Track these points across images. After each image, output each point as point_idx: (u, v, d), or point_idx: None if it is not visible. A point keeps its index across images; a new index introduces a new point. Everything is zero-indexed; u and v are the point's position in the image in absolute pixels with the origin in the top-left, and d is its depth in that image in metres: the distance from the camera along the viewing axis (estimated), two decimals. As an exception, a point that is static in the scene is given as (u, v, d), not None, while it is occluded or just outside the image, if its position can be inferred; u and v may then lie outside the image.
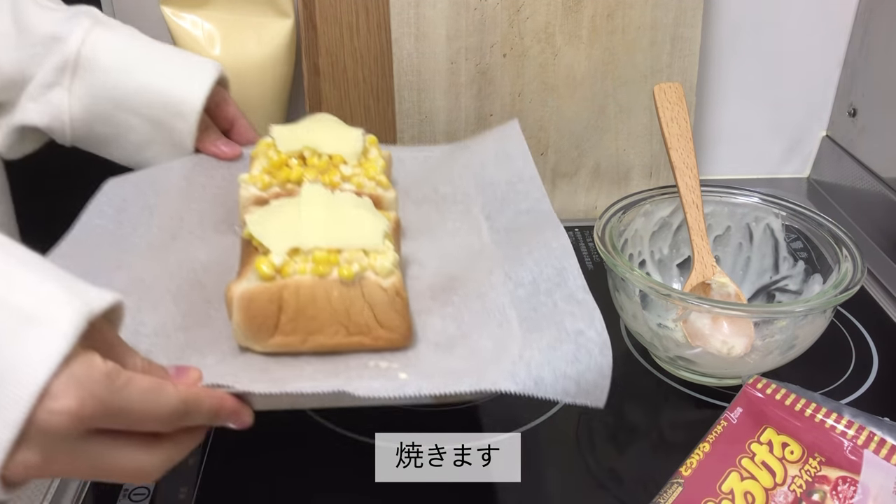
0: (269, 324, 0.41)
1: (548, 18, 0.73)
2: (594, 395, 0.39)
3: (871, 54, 0.79)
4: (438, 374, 0.40)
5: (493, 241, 0.51)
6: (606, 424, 0.54)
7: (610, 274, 0.56)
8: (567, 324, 0.40)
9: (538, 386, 0.38)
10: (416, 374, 0.40)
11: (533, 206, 0.52)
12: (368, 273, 0.42)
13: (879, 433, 0.45)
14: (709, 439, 0.45)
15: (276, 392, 0.38)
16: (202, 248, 0.51)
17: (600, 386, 0.39)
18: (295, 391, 0.38)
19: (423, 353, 0.43)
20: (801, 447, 0.45)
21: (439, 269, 0.49)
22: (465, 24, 0.72)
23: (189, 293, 0.46)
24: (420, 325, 0.45)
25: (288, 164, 0.52)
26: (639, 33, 0.74)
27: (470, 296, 0.46)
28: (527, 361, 0.39)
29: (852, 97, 0.82)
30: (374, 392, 0.38)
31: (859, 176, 0.80)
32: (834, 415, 0.46)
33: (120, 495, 0.47)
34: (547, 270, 0.45)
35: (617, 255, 0.54)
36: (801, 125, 0.87)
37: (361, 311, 0.42)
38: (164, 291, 0.46)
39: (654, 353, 0.58)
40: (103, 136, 0.56)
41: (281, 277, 0.41)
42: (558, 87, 0.75)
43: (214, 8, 0.73)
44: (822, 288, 0.56)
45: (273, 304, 0.41)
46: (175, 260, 0.49)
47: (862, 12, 0.80)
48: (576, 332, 0.40)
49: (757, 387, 0.48)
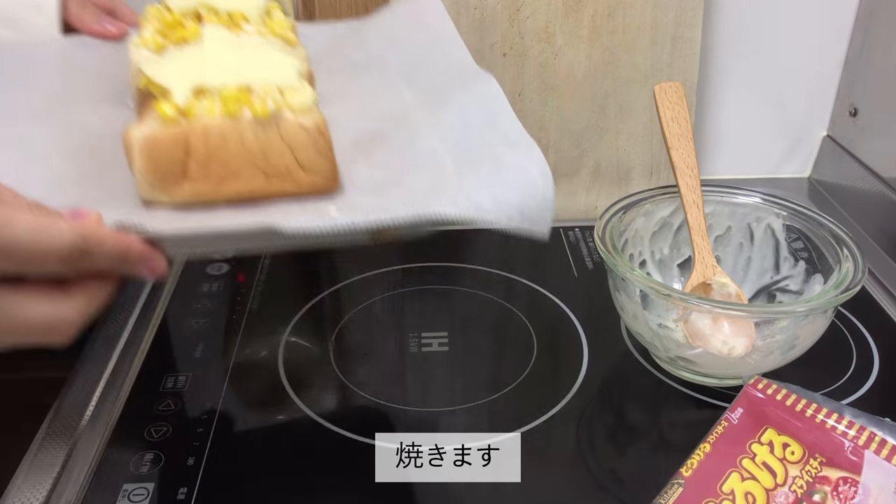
0: (176, 170, 0.37)
1: (548, 18, 0.73)
2: (538, 223, 0.38)
3: (871, 54, 0.79)
4: (373, 209, 0.37)
5: (416, 99, 0.48)
6: (607, 425, 0.54)
7: (610, 274, 0.56)
8: (505, 158, 0.39)
9: (479, 211, 0.37)
10: (349, 208, 0.38)
11: (454, 65, 0.49)
12: (285, 112, 0.38)
13: (880, 433, 0.45)
14: (709, 440, 0.45)
15: (190, 232, 0.35)
16: (94, 118, 0.46)
17: (543, 214, 0.38)
18: (212, 229, 0.35)
19: (353, 197, 0.40)
20: (802, 448, 0.45)
21: (361, 128, 0.46)
22: (465, 23, 0.72)
23: (84, 155, 0.42)
24: (346, 174, 0.41)
25: (183, 23, 0.46)
26: (639, 33, 0.74)
27: (398, 144, 0.43)
28: (466, 191, 0.38)
29: (853, 97, 0.82)
30: (304, 226, 0.35)
31: (860, 176, 0.80)
32: (835, 415, 0.46)
33: (119, 495, 0.47)
34: (478, 115, 0.43)
35: (617, 255, 0.53)
36: (801, 125, 0.87)
37: (280, 153, 0.38)
38: (55, 150, 0.42)
39: (655, 354, 0.58)
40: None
41: (186, 120, 0.37)
42: (558, 86, 0.75)
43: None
44: (822, 288, 0.56)
45: (179, 149, 0.37)
46: (64, 125, 0.44)
47: (863, 12, 0.80)
48: (515, 164, 0.39)
49: (758, 387, 0.48)
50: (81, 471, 0.49)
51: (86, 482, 0.48)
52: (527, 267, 0.70)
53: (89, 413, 0.53)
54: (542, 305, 0.65)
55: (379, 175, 0.41)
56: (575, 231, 0.76)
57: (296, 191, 0.39)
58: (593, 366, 0.58)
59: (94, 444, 0.50)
